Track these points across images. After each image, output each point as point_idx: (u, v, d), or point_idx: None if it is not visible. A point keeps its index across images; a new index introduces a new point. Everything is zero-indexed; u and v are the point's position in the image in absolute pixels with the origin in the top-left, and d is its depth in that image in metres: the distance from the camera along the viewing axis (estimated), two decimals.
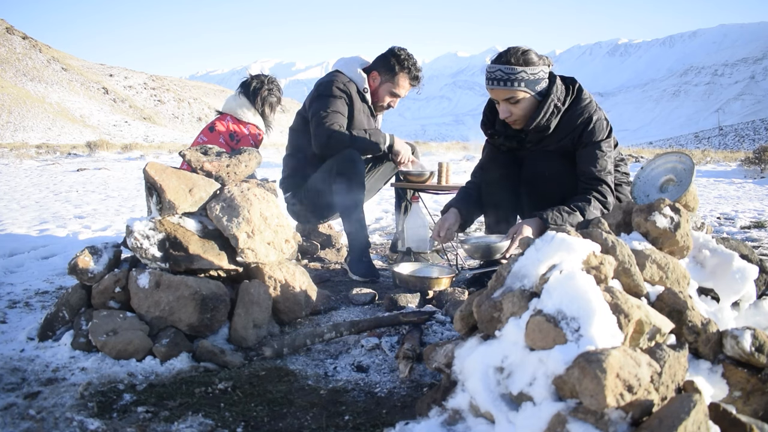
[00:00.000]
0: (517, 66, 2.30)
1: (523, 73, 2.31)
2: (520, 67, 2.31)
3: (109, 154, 18.41)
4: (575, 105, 2.41)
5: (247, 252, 2.02)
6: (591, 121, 2.39)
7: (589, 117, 2.40)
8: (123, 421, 1.36)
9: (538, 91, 2.36)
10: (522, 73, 2.30)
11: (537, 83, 2.35)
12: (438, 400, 1.24)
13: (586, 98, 2.43)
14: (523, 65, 2.31)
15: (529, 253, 1.24)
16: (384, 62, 3.11)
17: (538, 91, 2.36)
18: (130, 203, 6.27)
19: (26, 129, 56.39)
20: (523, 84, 2.32)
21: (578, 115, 2.40)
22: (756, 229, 4.59)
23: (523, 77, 2.31)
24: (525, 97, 2.35)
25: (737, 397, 1.15)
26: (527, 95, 2.35)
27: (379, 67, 3.11)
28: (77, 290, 1.91)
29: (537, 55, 2.36)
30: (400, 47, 3.14)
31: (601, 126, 2.42)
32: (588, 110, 2.41)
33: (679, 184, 1.67)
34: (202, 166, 2.07)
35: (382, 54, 3.15)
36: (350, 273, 2.90)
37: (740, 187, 8.85)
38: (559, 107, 2.39)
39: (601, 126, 2.41)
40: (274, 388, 1.56)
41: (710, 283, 1.50)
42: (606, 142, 2.42)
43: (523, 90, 2.32)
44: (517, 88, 2.31)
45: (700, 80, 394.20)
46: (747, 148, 41.56)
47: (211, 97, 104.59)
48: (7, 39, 79.23)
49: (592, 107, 2.42)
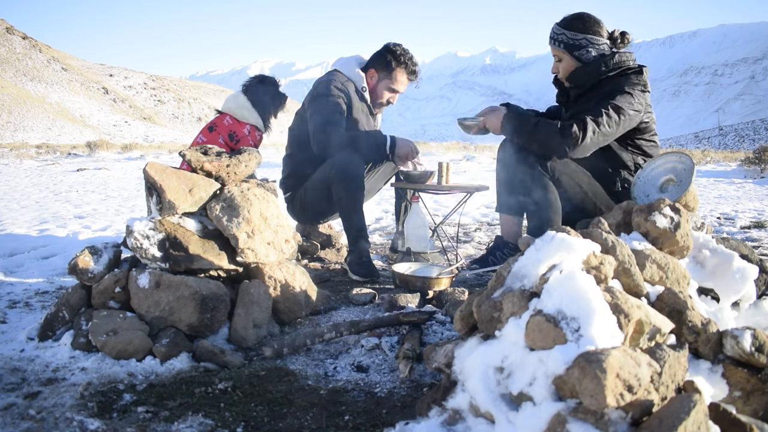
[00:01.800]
0: (565, 29, 2.50)
1: (563, 35, 2.50)
2: (561, 29, 2.51)
3: (109, 154, 18.41)
4: (617, 78, 2.43)
5: (247, 252, 2.02)
6: (617, 92, 2.37)
7: (620, 90, 2.37)
8: (123, 421, 1.36)
9: (577, 56, 2.49)
10: (562, 35, 2.51)
11: (578, 48, 2.48)
12: (438, 400, 1.24)
13: (633, 79, 2.41)
14: (566, 29, 2.50)
15: (529, 253, 1.24)
16: (380, 59, 3.10)
17: (577, 55, 2.49)
18: (130, 203, 6.27)
19: (26, 129, 56.39)
20: (563, 46, 2.51)
21: (612, 87, 2.41)
22: (756, 229, 4.59)
23: (562, 39, 2.51)
24: (564, 57, 2.52)
25: (737, 397, 1.15)
26: (566, 56, 2.51)
27: (376, 65, 3.11)
28: (77, 290, 1.91)
29: (591, 25, 2.48)
30: (395, 43, 3.14)
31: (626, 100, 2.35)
32: (623, 85, 2.38)
33: (679, 184, 1.67)
34: (202, 166, 2.07)
35: (378, 51, 3.15)
36: (350, 273, 2.90)
37: (740, 187, 8.85)
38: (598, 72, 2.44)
39: (625, 100, 2.35)
40: (274, 388, 1.56)
41: (710, 283, 1.50)
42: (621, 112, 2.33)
43: (561, 51, 2.52)
44: (556, 48, 2.53)
45: (700, 80, 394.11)
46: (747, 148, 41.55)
47: (211, 97, 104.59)
48: (7, 39, 79.23)
49: (631, 87, 2.38)
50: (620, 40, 2.51)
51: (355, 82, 3.08)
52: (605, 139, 2.35)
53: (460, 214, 3.87)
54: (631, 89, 2.36)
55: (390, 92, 3.15)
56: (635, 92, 2.36)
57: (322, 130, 2.88)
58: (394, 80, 3.11)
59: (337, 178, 2.83)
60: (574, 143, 2.29)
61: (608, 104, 2.32)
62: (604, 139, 2.35)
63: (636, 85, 2.39)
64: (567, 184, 2.46)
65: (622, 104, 2.32)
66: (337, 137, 2.86)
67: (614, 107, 2.32)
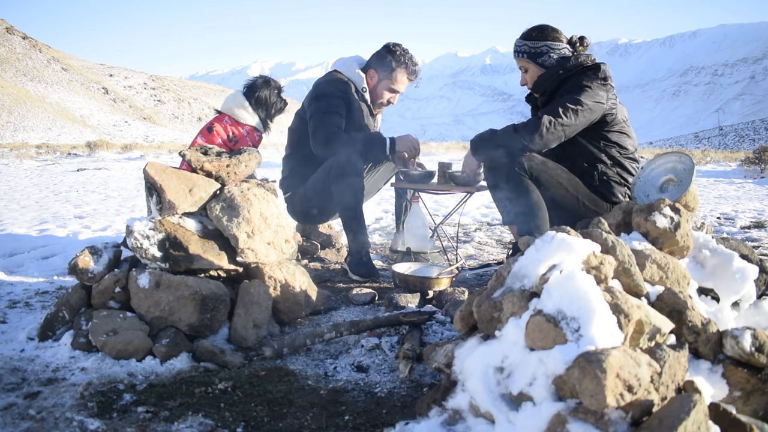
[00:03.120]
0: (526, 40, 2.61)
1: (525, 45, 2.61)
2: (523, 41, 2.62)
3: (109, 154, 18.40)
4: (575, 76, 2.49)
5: (247, 252, 2.02)
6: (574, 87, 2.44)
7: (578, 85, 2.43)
8: (123, 421, 1.36)
9: (540, 63, 2.58)
10: (524, 45, 2.61)
11: (540, 55, 2.57)
12: (438, 400, 1.24)
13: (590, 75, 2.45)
14: (527, 40, 2.61)
15: (529, 253, 1.24)
16: (380, 59, 3.10)
17: (540, 62, 2.58)
18: (130, 203, 6.27)
19: (26, 129, 56.38)
20: (526, 56, 2.61)
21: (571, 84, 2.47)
22: (756, 229, 4.59)
23: (525, 50, 2.61)
24: (530, 66, 2.62)
25: (737, 397, 1.15)
26: (531, 65, 2.61)
27: (376, 65, 3.11)
28: (77, 290, 1.91)
29: (548, 33, 2.57)
30: (395, 43, 3.14)
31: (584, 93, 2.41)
32: (580, 81, 2.44)
33: (679, 184, 1.67)
34: (202, 166, 2.07)
35: (378, 51, 3.15)
36: (350, 273, 2.90)
37: (740, 187, 8.85)
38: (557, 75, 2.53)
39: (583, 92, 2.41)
40: (274, 388, 1.56)
41: (710, 283, 1.50)
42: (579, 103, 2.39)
43: (526, 60, 2.62)
44: (521, 59, 2.64)
45: (700, 80, 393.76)
46: (747, 148, 41.51)
47: (211, 97, 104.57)
48: (7, 39, 79.22)
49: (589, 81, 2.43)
50: (579, 44, 2.61)
51: (355, 82, 3.08)
52: (565, 129, 2.40)
53: (460, 214, 3.87)
54: (589, 83, 2.42)
55: (390, 92, 3.15)
56: (594, 85, 2.42)
57: (322, 132, 2.88)
58: (394, 80, 3.11)
59: (337, 178, 2.83)
60: (530, 136, 2.39)
61: (566, 98, 2.41)
62: (563, 130, 2.40)
63: (594, 79, 2.44)
64: (547, 182, 2.50)
65: (579, 96, 2.40)
66: (336, 140, 2.87)
67: (571, 100, 2.40)
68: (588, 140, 2.53)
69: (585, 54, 2.57)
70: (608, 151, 2.53)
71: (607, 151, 2.53)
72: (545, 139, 2.38)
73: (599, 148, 2.53)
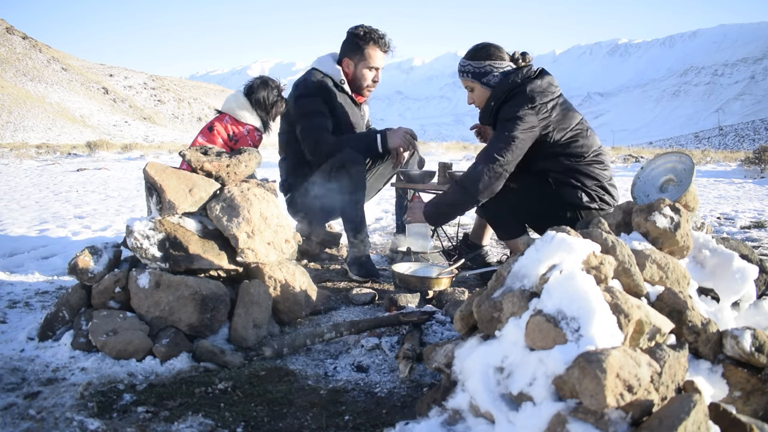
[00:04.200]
0: (470, 60, 2.62)
1: (469, 66, 2.62)
2: (467, 61, 2.63)
3: (109, 154, 18.40)
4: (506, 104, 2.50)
5: (247, 252, 2.02)
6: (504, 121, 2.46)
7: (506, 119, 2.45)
8: (123, 421, 1.36)
9: (485, 82, 2.59)
10: (468, 66, 2.63)
11: (485, 75, 2.58)
12: (438, 400, 1.24)
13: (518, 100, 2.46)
14: (471, 60, 2.62)
15: (529, 253, 1.24)
16: (349, 45, 3.16)
17: (485, 81, 2.59)
18: (130, 203, 6.27)
19: (26, 129, 56.38)
20: (470, 76, 2.62)
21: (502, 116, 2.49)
22: (756, 229, 4.59)
23: (469, 70, 2.62)
24: (475, 86, 2.63)
25: (737, 397, 1.15)
26: (476, 85, 2.62)
27: (348, 52, 3.16)
28: (77, 290, 1.91)
29: (492, 53, 2.59)
30: (356, 25, 3.19)
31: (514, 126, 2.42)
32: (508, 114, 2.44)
33: (679, 184, 1.67)
34: (202, 166, 2.07)
35: (344, 40, 3.21)
36: (350, 273, 2.90)
37: (740, 187, 8.85)
38: (490, 108, 2.57)
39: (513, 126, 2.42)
40: (274, 388, 1.56)
41: (710, 283, 1.50)
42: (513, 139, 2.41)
43: (470, 80, 2.63)
44: (466, 79, 2.65)
45: (700, 80, 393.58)
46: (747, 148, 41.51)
47: (211, 97, 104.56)
48: (7, 39, 79.22)
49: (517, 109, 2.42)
50: (521, 60, 2.63)
51: (333, 76, 3.13)
52: (505, 168, 2.45)
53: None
54: (517, 112, 2.43)
55: (370, 71, 3.18)
56: (522, 113, 2.43)
57: (312, 138, 2.95)
58: (369, 57, 3.14)
59: (338, 177, 2.84)
60: (475, 190, 2.46)
61: (496, 138, 2.46)
62: (504, 169, 2.45)
63: (521, 105, 2.44)
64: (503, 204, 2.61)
65: (509, 131, 2.42)
66: (326, 144, 2.92)
67: (502, 138, 2.43)
68: (534, 161, 2.55)
69: (525, 71, 2.56)
70: (558, 162, 2.56)
71: (558, 162, 2.56)
72: (491, 188, 2.46)
73: (547, 162, 2.57)
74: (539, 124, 2.45)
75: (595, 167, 2.57)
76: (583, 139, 2.56)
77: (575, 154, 2.54)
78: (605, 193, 2.58)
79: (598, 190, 2.56)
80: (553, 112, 2.48)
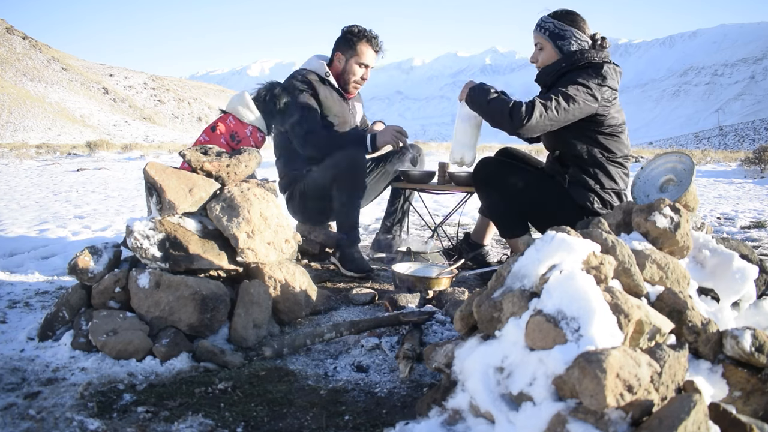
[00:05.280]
0: (554, 19, 2.57)
1: (551, 24, 2.56)
2: (551, 19, 2.57)
3: (109, 154, 18.40)
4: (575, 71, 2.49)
5: (247, 252, 2.02)
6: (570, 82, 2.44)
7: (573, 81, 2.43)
8: (123, 421, 1.36)
9: (559, 46, 2.54)
10: (550, 23, 2.57)
11: (562, 38, 2.53)
12: (438, 400, 1.24)
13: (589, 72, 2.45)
14: (555, 19, 2.56)
15: (529, 253, 1.24)
16: (341, 41, 3.19)
17: (559, 45, 2.54)
18: (130, 203, 6.27)
19: (26, 129, 56.37)
20: (548, 33, 2.56)
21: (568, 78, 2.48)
22: (756, 229, 4.59)
23: (549, 27, 2.56)
24: (547, 45, 2.58)
25: (737, 397, 1.15)
26: (548, 44, 2.57)
27: (340, 47, 3.19)
28: (77, 290, 1.91)
29: (578, 21, 2.56)
30: (351, 24, 3.23)
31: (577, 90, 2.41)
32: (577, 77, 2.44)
33: (679, 184, 1.67)
34: (202, 166, 2.07)
35: (338, 37, 3.25)
36: (342, 269, 2.92)
37: (740, 187, 8.85)
38: (558, 69, 2.53)
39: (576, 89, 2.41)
40: (274, 388, 1.56)
41: (710, 283, 1.50)
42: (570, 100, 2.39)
43: (545, 38, 2.57)
44: (541, 35, 2.59)
45: (700, 80, 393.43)
46: (747, 148, 41.51)
47: (211, 97, 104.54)
48: (7, 39, 79.23)
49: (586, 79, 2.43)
50: (600, 43, 2.60)
51: (317, 71, 3.16)
52: (552, 123, 2.41)
53: (460, 214, 3.87)
54: (585, 81, 2.42)
55: (360, 67, 3.20)
56: (590, 83, 2.42)
57: (301, 134, 2.97)
58: (360, 53, 3.16)
59: (339, 177, 2.85)
60: (519, 123, 2.38)
61: (559, 91, 2.41)
62: (551, 123, 2.41)
63: (591, 77, 2.44)
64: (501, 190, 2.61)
65: (572, 93, 2.40)
66: (317, 135, 2.96)
67: (564, 95, 2.40)
68: (573, 136, 2.54)
69: (602, 53, 2.54)
70: (591, 152, 2.54)
71: (590, 152, 2.54)
72: (532, 130, 2.41)
73: (582, 146, 2.55)
74: (600, 103, 2.45)
75: (619, 170, 2.58)
76: (623, 137, 2.58)
77: (610, 149, 2.54)
78: (618, 200, 2.56)
79: (612, 196, 2.55)
80: (615, 101, 2.51)
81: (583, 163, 2.55)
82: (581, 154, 2.54)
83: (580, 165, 2.55)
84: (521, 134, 2.45)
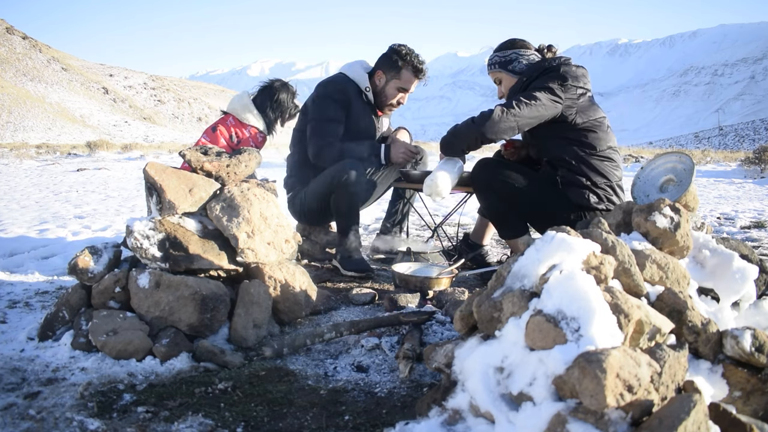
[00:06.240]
0: (496, 52, 2.75)
1: (495, 57, 2.75)
2: (493, 53, 2.76)
3: (109, 154, 18.40)
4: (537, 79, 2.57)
5: (247, 252, 2.02)
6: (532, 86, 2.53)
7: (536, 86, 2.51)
8: (123, 421, 1.36)
9: (511, 69, 2.69)
10: (494, 57, 2.75)
11: (510, 62, 2.70)
12: (438, 400, 1.24)
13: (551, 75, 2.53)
14: (497, 52, 2.74)
15: (529, 253, 1.24)
16: (387, 60, 3.11)
17: (510, 69, 2.70)
18: (130, 203, 6.27)
19: (26, 129, 56.35)
20: (497, 66, 2.74)
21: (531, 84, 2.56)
22: (756, 229, 4.59)
23: (496, 60, 2.74)
24: (503, 76, 2.74)
25: (737, 397, 1.15)
26: (503, 74, 2.73)
27: (383, 66, 3.11)
28: (77, 290, 1.91)
29: (517, 44, 2.70)
30: (400, 44, 3.16)
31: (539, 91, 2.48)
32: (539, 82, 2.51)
33: (679, 184, 1.67)
34: (202, 166, 2.07)
35: (384, 53, 3.16)
36: (342, 270, 2.91)
37: (740, 187, 8.86)
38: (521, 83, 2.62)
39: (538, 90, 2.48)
40: (274, 388, 1.56)
41: (710, 283, 1.50)
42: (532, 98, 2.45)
43: (498, 71, 2.74)
44: (494, 71, 2.77)
45: (700, 80, 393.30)
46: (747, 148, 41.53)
47: (211, 97, 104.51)
48: (7, 39, 79.21)
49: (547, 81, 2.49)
50: (547, 51, 2.72)
51: (359, 82, 3.09)
52: (516, 120, 2.46)
53: (460, 214, 3.87)
54: (546, 83, 2.50)
55: (399, 92, 3.14)
56: (552, 85, 2.50)
57: (317, 143, 2.94)
58: (402, 79, 3.10)
59: (337, 187, 2.84)
60: (482, 121, 2.48)
61: (522, 94, 2.52)
62: (515, 120, 2.46)
63: (552, 79, 2.51)
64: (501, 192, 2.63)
65: (535, 93, 2.48)
66: (329, 152, 2.92)
67: (526, 95, 2.49)
68: (550, 139, 2.60)
69: (560, 59, 2.63)
70: (573, 151, 2.57)
71: (572, 151, 2.57)
72: (497, 128, 2.46)
73: (563, 147, 2.58)
74: (564, 102, 2.51)
75: (606, 163, 2.58)
76: (601, 132, 2.59)
77: (590, 144, 2.56)
78: (613, 193, 2.58)
79: (607, 190, 2.56)
80: (581, 98, 2.55)
81: (569, 163, 2.58)
82: (564, 156, 2.58)
83: (567, 166, 2.58)
84: (488, 134, 2.50)
